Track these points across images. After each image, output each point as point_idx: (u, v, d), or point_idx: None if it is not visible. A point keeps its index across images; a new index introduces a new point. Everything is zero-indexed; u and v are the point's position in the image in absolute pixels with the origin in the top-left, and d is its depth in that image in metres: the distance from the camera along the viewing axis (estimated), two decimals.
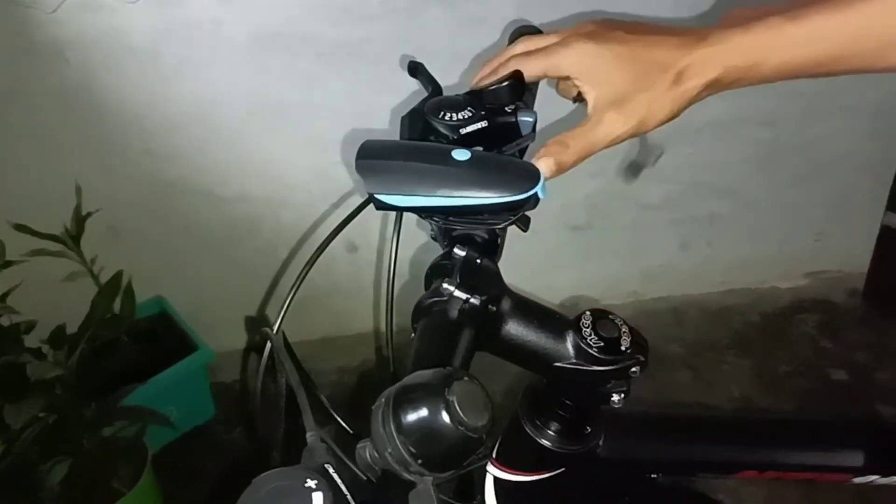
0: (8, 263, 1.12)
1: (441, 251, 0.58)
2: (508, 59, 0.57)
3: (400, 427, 0.38)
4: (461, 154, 0.49)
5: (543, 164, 0.51)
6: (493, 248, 0.58)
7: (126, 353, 1.34)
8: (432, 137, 0.55)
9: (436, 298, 0.53)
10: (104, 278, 1.27)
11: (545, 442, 0.63)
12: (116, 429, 1.26)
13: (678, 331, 1.88)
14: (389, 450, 0.38)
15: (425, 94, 0.61)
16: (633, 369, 0.55)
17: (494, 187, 0.48)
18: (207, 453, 1.59)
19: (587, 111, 0.53)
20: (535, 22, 0.56)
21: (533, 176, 0.49)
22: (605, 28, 0.53)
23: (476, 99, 0.56)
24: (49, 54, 1.27)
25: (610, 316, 0.57)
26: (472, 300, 0.53)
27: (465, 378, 0.39)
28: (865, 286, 1.97)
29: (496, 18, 1.34)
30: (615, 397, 0.56)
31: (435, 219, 0.56)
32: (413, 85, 1.41)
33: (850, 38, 0.48)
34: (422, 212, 0.53)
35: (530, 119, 0.59)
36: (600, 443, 0.64)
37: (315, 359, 1.77)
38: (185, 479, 1.53)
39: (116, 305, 1.27)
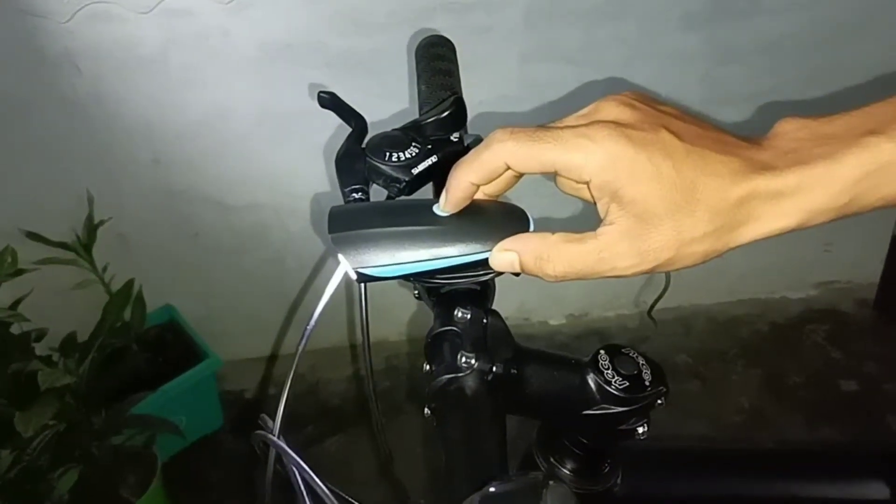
0: (19, 271, 1.13)
1: (431, 313, 0.53)
2: (496, 160, 0.40)
3: None
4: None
5: (507, 259, 0.42)
6: (488, 299, 0.53)
7: (135, 362, 1.34)
8: (381, 182, 0.50)
9: (453, 375, 0.47)
10: (113, 287, 1.28)
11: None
12: (126, 437, 1.27)
13: (686, 341, 1.87)
14: None
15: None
16: (659, 401, 0.53)
17: (487, 238, 0.43)
18: (215, 463, 1.59)
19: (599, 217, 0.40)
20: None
21: (523, 218, 0.44)
22: (645, 118, 0.38)
23: (417, 132, 0.52)
24: (61, 64, 1.28)
25: (623, 350, 0.54)
26: (495, 369, 0.48)
27: (552, 483, 0.36)
28: (876, 297, 1.96)
29: (503, 28, 1.35)
30: (640, 430, 0.54)
31: (421, 279, 0.50)
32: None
33: None
34: (413, 277, 0.47)
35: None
36: (618, 480, 0.62)
37: (324, 368, 1.77)
38: (193, 488, 1.53)
39: (127, 314, 1.28)
